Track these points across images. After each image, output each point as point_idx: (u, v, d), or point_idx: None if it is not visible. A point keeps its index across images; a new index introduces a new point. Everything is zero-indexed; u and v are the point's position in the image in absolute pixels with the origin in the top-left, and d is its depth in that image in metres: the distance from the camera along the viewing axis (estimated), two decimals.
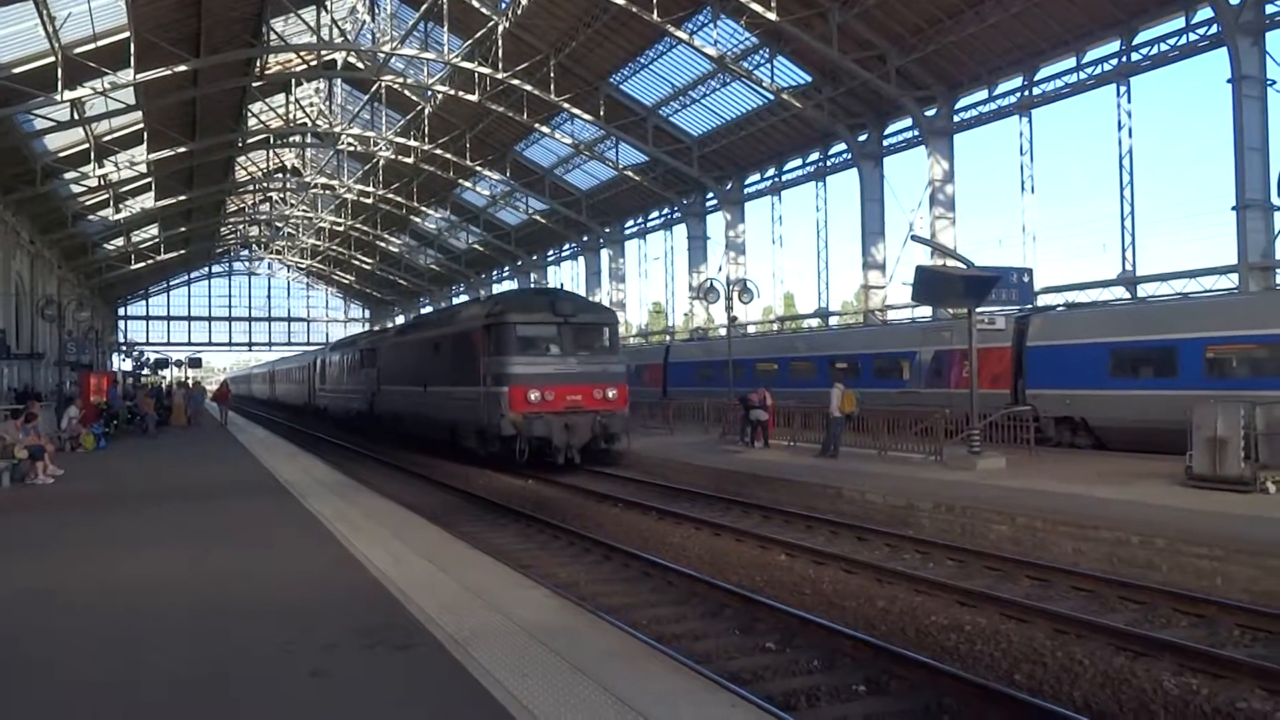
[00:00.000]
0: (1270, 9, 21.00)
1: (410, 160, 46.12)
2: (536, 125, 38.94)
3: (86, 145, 33.55)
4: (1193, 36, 22.61)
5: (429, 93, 39.97)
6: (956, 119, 28.82)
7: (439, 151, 43.67)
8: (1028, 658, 7.34)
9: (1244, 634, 7.89)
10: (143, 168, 37.91)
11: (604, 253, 49.10)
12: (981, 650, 7.57)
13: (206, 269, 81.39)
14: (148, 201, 44.33)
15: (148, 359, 64.88)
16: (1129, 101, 24.65)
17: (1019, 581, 9.84)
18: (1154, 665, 7.02)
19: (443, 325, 24.70)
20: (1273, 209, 20.90)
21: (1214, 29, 21.81)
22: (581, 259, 52.06)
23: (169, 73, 28.09)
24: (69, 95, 26.94)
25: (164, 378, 63.20)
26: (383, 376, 30.16)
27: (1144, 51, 23.84)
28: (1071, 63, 25.58)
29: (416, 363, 25.94)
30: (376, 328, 59.24)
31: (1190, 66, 22.96)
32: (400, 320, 65.65)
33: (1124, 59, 24.25)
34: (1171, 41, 23.13)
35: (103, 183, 38.59)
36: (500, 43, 32.66)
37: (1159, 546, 10.28)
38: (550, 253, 55.92)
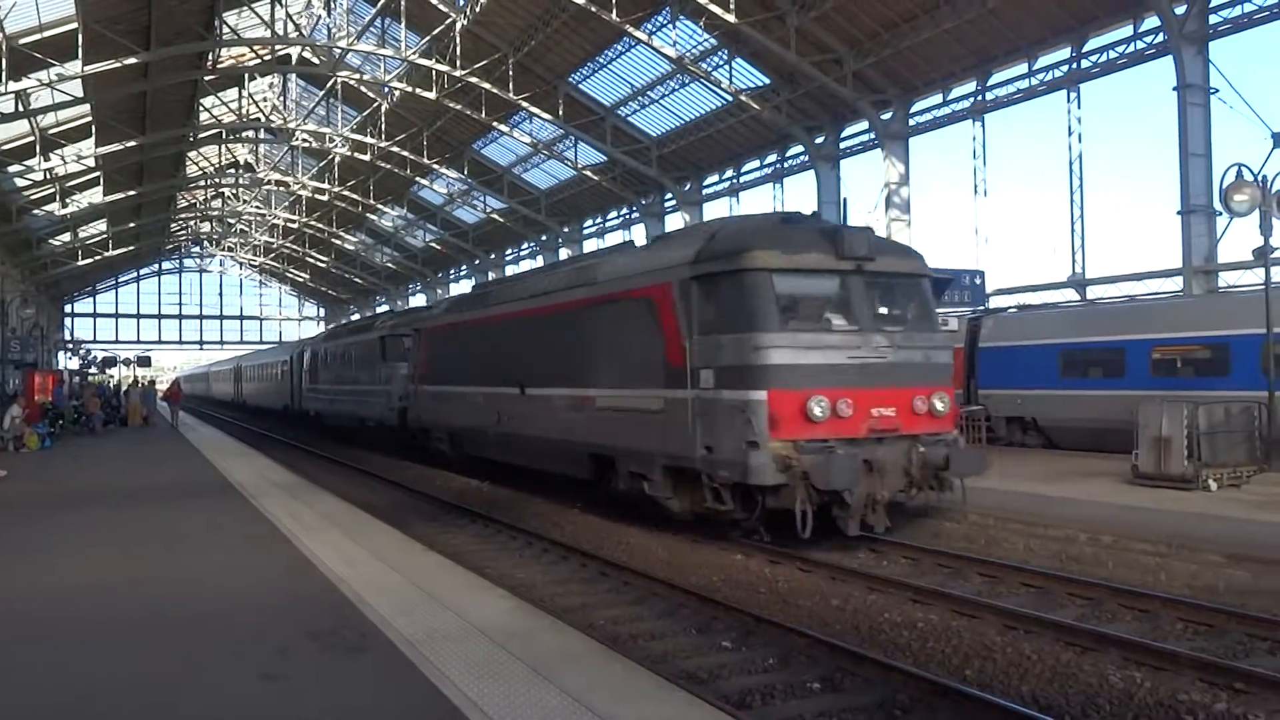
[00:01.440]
0: (1213, 19, 21.55)
1: (367, 157, 45.63)
2: (495, 124, 38.73)
3: (32, 138, 32.72)
4: (1140, 45, 23.12)
5: (386, 89, 39.55)
6: (912, 122, 29.18)
7: (396, 149, 43.25)
8: (978, 653, 7.46)
9: (1185, 628, 8.08)
10: (90, 161, 37.04)
11: (563, 252, 48.98)
12: (933, 647, 7.68)
13: (156, 266, 79.77)
14: (96, 196, 43.33)
15: (95, 357, 63.48)
16: (1079, 107, 25.16)
17: (970, 579, 9.99)
18: (1100, 659, 7.17)
19: (564, 288, 15.23)
20: (1215, 214, 21.45)
21: (1160, 38, 22.32)
22: (540, 258, 51.90)
23: (118, 65, 27.49)
24: (14, 86, 26.25)
25: (112, 377, 61.84)
26: (426, 372, 21.56)
27: (1093, 59, 24.33)
28: (1023, 68, 26.03)
29: (502, 350, 17.32)
30: (394, 308, 44.91)
31: (1138, 74, 23.41)
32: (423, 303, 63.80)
33: (1074, 66, 24.73)
34: (1120, 49, 23.63)
35: (49, 176, 37.63)
36: (458, 40, 32.43)
37: (1105, 543, 10.52)
38: (509, 252, 55.67)
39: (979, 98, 27.37)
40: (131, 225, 55.06)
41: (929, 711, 6.29)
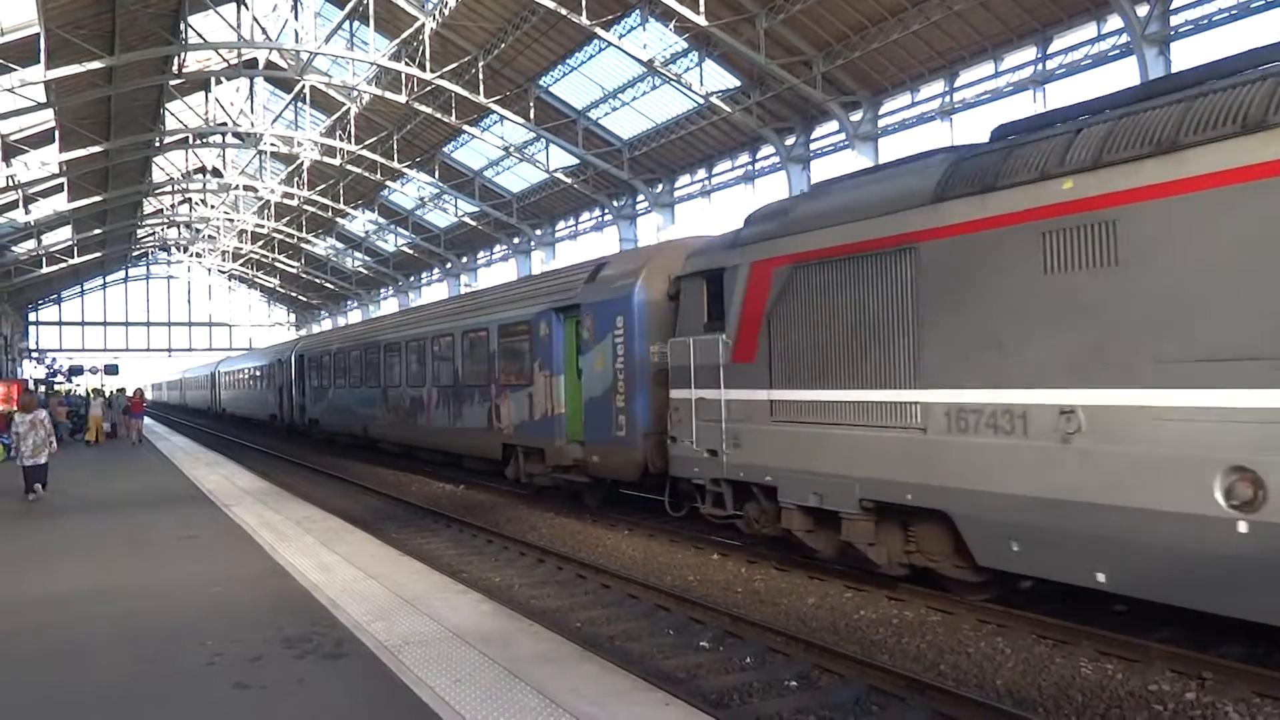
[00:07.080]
0: (1175, 21, 21.89)
1: (336, 161, 45.30)
2: (465, 127, 38.60)
3: None
4: (1104, 46, 23.44)
5: (354, 93, 39.30)
6: (881, 123, 29.38)
7: (365, 153, 42.98)
8: (953, 649, 7.52)
9: (1158, 622, 8.18)
10: (54, 168, 36.53)
11: (536, 255, 48.90)
12: (908, 643, 7.74)
13: (123, 273, 78.87)
14: (60, 203, 42.73)
15: (60, 366, 62.53)
16: (1045, 108, 25.43)
17: None
18: (1073, 652, 7.25)
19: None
20: None
21: (1124, 39, 22.64)
22: (513, 261, 51.80)
23: (82, 70, 27.11)
24: None
25: (78, 385, 60.94)
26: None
27: (1059, 60, 24.63)
28: (990, 69, 26.30)
29: None
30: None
31: (1102, 75, 23.77)
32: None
33: (1039, 67, 25.02)
34: (1084, 51, 23.94)
35: (11, 183, 37.08)
36: (427, 43, 32.29)
37: None
38: (481, 255, 55.48)
39: (947, 99, 27.62)
40: (97, 231, 54.35)
41: (904, 706, 6.34)
